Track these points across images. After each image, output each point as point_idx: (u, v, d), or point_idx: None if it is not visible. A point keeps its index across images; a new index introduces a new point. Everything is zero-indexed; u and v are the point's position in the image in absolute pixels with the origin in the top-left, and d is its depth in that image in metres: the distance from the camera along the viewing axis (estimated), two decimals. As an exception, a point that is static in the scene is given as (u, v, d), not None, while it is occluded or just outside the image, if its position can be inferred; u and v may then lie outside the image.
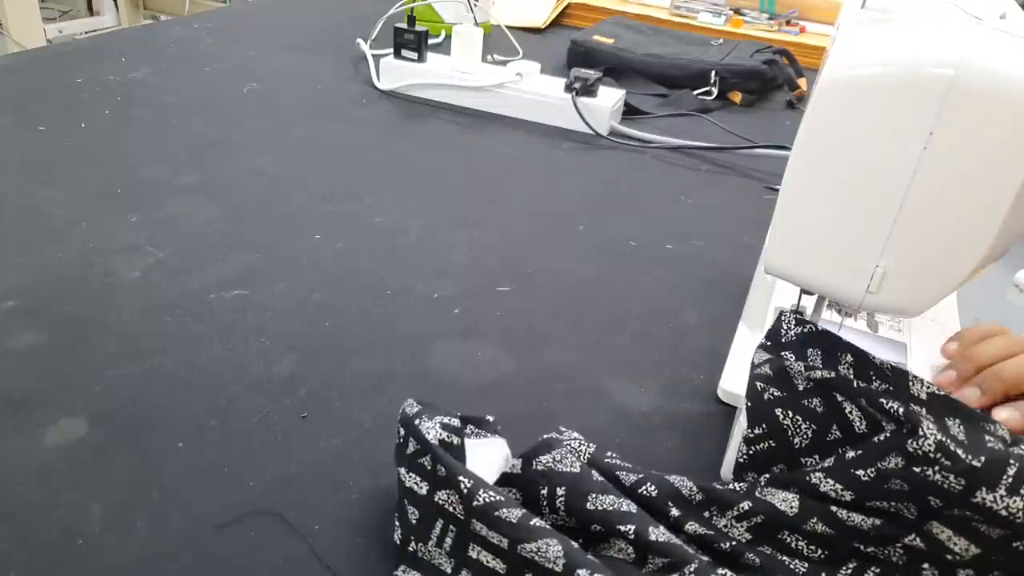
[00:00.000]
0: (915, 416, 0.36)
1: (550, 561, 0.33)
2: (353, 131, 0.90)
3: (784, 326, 0.43)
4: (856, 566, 0.37)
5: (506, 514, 0.35)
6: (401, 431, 0.40)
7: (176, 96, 0.94)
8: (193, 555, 0.37)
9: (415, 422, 0.39)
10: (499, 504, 0.35)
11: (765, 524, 0.38)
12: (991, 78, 0.34)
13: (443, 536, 0.37)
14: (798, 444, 0.41)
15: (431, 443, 0.38)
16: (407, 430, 0.40)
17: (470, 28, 0.99)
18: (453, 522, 0.37)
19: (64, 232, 0.63)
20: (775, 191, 0.80)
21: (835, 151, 0.38)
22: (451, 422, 0.40)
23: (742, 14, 1.41)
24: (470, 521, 0.36)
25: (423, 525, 0.37)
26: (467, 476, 0.36)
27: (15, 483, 0.40)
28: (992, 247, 0.37)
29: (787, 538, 0.38)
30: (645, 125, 0.99)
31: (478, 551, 0.36)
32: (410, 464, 0.39)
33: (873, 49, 0.37)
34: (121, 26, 2.91)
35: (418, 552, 0.37)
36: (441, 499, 0.37)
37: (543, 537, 0.34)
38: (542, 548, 0.33)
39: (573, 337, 0.57)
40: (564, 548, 0.33)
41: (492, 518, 0.35)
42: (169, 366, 0.50)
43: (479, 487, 0.36)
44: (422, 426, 0.39)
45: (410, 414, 0.40)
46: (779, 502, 0.38)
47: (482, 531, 0.35)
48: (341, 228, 0.68)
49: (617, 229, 0.73)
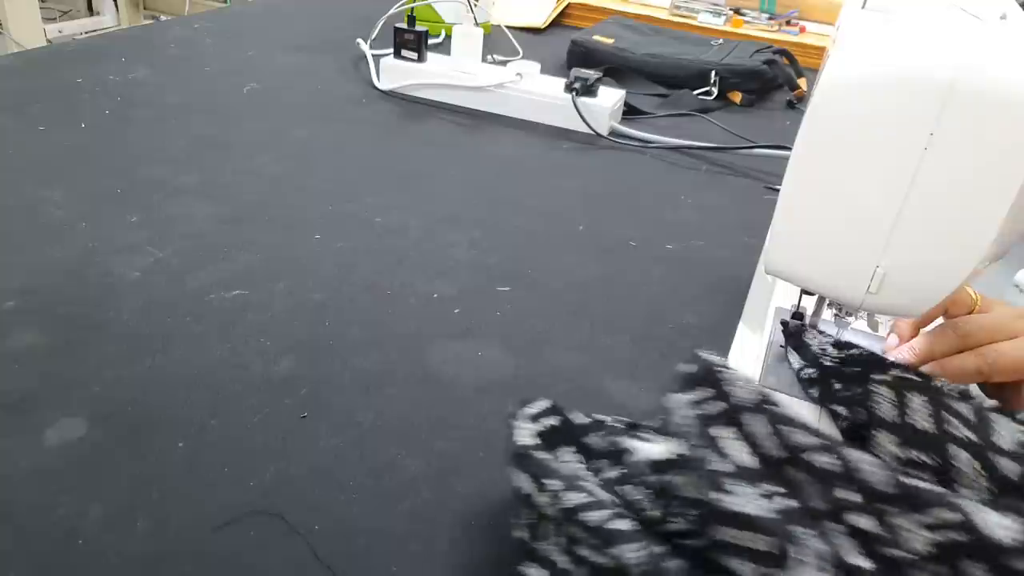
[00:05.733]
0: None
1: (634, 565, 0.33)
2: (353, 131, 0.90)
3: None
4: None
5: (590, 517, 0.34)
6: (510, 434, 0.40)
7: (176, 96, 0.94)
8: (193, 555, 0.37)
9: (514, 423, 0.40)
10: (584, 507, 0.35)
11: (964, 545, 0.31)
12: (991, 79, 0.34)
13: (556, 535, 0.37)
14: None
15: (524, 444, 0.38)
16: (512, 433, 0.40)
17: (470, 28, 0.99)
18: (556, 523, 0.36)
19: (64, 232, 0.63)
20: (775, 191, 0.80)
21: (835, 151, 0.38)
22: (537, 409, 0.40)
23: (742, 14, 1.41)
24: (567, 523, 0.35)
25: (536, 524, 0.37)
26: (555, 477, 0.36)
27: (15, 483, 0.40)
28: (992, 248, 0.37)
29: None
30: (645, 125, 0.99)
31: (587, 550, 0.35)
32: (519, 464, 0.39)
33: (873, 49, 0.37)
34: (121, 26, 2.91)
35: (538, 549, 0.37)
36: (541, 501, 0.37)
37: (625, 541, 0.33)
38: (626, 552, 0.33)
39: (573, 337, 0.57)
40: (647, 553, 0.33)
41: (580, 521, 0.35)
42: (169, 366, 0.50)
43: (566, 489, 0.36)
44: (516, 426, 0.39)
45: (513, 414, 0.40)
46: (995, 525, 0.31)
47: (578, 533, 0.35)
48: (341, 228, 0.68)
49: (617, 229, 0.73)
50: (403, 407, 0.48)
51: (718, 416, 0.40)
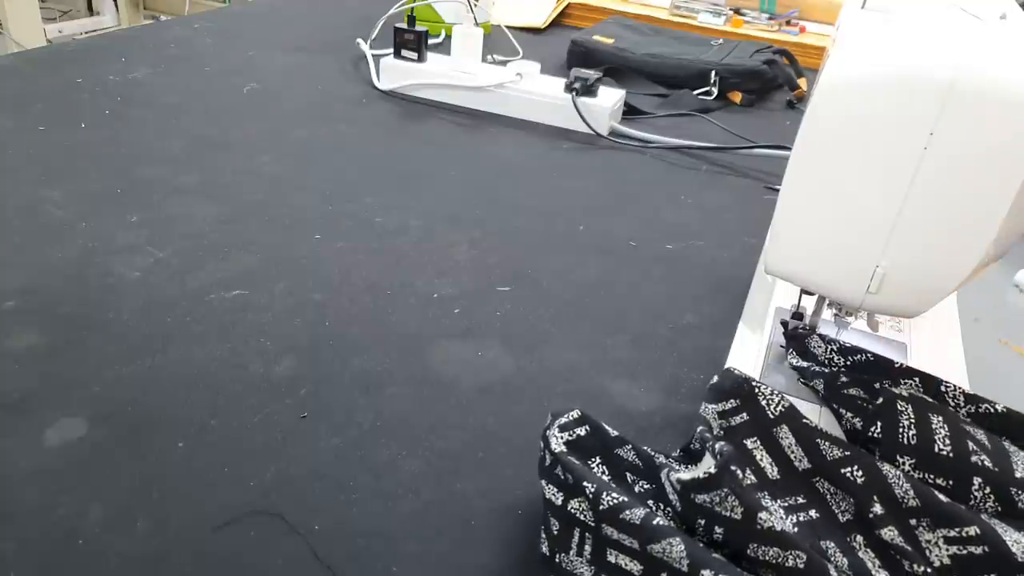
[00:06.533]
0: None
1: (676, 560, 0.33)
2: (353, 131, 0.90)
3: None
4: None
5: (629, 515, 0.35)
6: (541, 444, 0.40)
7: (176, 96, 0.94)
8: (193, 555, 0.37)
9: (546, 433, 0.40)
10: (623, 506, 0.35)
11: (980, 559, 0.33)
12: (991, 79, 0.34)
13: (582, 544, 0.37)
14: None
15: (556, 451, 0.38)
16: (543, 443, 0.40)
17: (470, 28, 0.99)
18: (587, 530, 0.37)
19: (64, 232, 0.63)
20: (775, 191, 0.80)
21: (835, 151, 0.38)
22: (568, 419, 0.41)
23: (742, 14, 1.41)
24: (600, 526, 0.36)
25: (563, 535, 0.37)
26: (590, 480, 0.36)
27: (15, 483, 0.40)
28: (992, 248, 0.37)
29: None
30: (645, 125, 0.99)
31: (615, 555, 0.36)
32: (548, 476, 0.39)
33: (873, 49, 0.37)
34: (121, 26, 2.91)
35: (562, 563, 0.37)
36: (573, 507, 0.37)
37: (667, 536, 0.33)
38: (666, 548, 0.33)
39: (573, 337, 0.57)
40: (688, 548, 0.33)
41: (619, 521, 0.35)
42: (169, 366, 0.50)
43: (603, 490, 0.36)
44: (549, 435, 0.39)
45: (545, 426, 0.41)
46: (1012, 542, 0.33)
47: (613, 535, 0.35)
48: (341, 228, 0.68)
49: (617, 229, 0.73)
50: (403, 407, 0.48)
51: (744, 427, 0.40)
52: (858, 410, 0.42)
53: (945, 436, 0.38)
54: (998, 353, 0.57)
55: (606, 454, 0.40)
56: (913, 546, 0.34)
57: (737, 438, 0.41)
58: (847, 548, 0.35)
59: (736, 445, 0.40)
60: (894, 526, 0.35)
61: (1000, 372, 0.74)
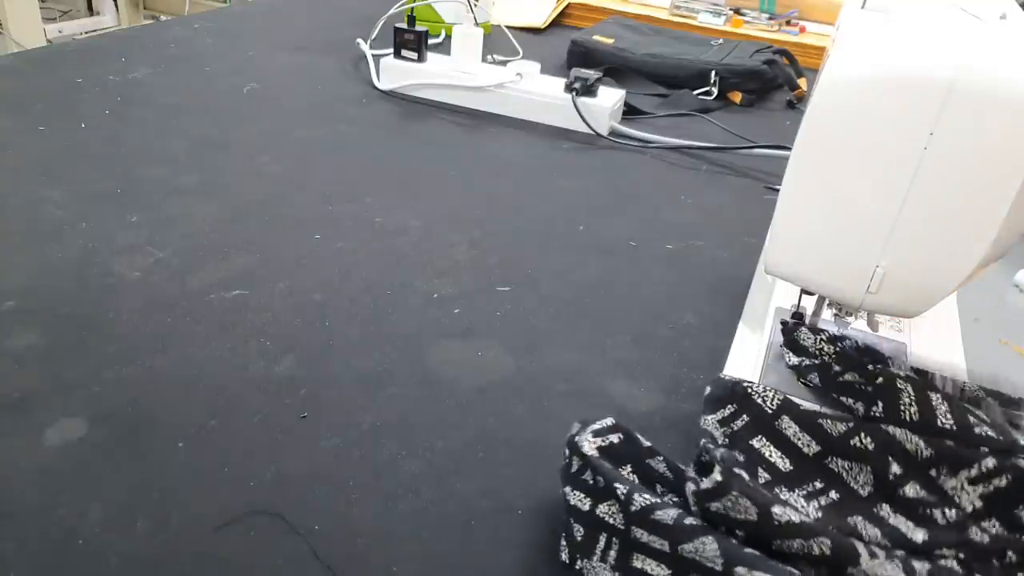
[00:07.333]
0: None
1: (709, 560, 0.33)
2: (353, 131, 0.90)
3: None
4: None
5: (662, 516, 0.35)
6: (566, 451, 0.40)
7: (176, 96, 0.94)
8: (193, 555, 0.37)
9: (575, 439, 0.40)
10: (655, 506, 0.35)
11: (1006, 491, 0.34)
12: (991, 79, 0.34)
13: (607, 549, 0.37)
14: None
15: (587, 454, 0.38)
16: (570, 450, 0.40)
17: (470, 28, 0.99)
18: (615, 534, 0.37)
19: (64, 232, 0.63)
20: (775, 191, 0.80)
21: (835, 151, 0.38)
22: (602, 426, 0.40)
23: (742, 14, 1.41)
24: (630, 529, 0.36)
25: (587, 540, 0.37)
26: (622, 482, 0.36)
27: (15, 483, 0.40)
28: (992, 247, 0.37)
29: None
30: (645, 125, 0.99)
31: (642, 559, 0.35)
32: (574, 482, 0.39)
33: (873, 49, 0.37)
34: (121, 26, 2.91)
35: (583, 569, 0.37)
36: (602, 511, 0.37)
37: (700, 536, 0.33)
38: (699, 548, 0.33)
39: (573, 337, 0.57)
40: (721, 546, 0.33)
41: (650, 522, 0.35)
42: (169, 366, 0.50)
43: (635, 491, 0.36)
44: (579, 439, 0.39)
45: (572, 434, 0.41)
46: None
47: (642, 537, 0.35)
48: (341, 228, 0.68)
49: (617, 229, 0.73)
50: (403, 407, 0.48)
51: (747, 429, 0.41)
52: (858, 394, 0.42)
53: (946, 411, 0.38)
54: (998, 353, 0.58)
55: (638, 463, 0.40)
56: (939, 496, 0.34)
57: (743, 441, 0.41)
58: (876, 519, 0.35)
59: (744, 448, 0.40)
60: (916, 480, 0.35)
61: (1000, 372, 0.74)
